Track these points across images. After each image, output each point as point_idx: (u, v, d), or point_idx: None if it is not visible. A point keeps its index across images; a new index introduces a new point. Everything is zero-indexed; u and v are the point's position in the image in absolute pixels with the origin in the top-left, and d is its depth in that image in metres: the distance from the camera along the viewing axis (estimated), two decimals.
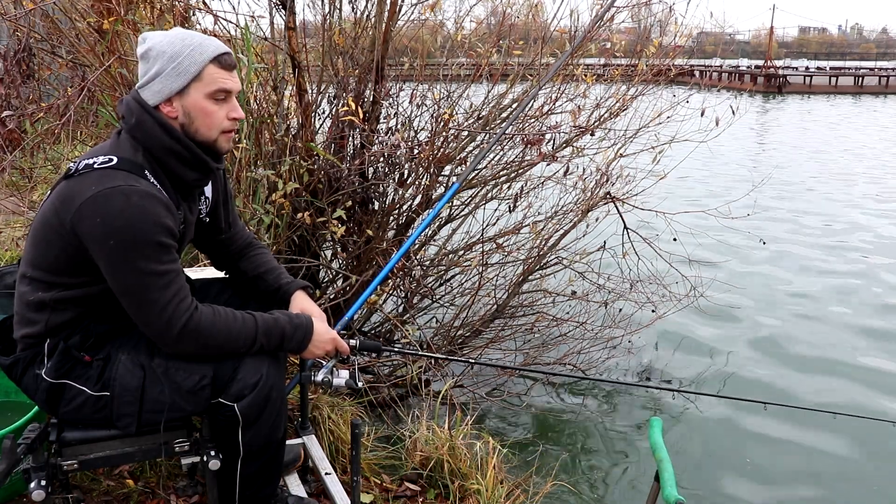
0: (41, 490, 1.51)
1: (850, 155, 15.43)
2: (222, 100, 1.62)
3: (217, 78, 1.59)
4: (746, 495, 3.40)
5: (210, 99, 1.60)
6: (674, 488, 1.42)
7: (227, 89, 1.61)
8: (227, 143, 1.68)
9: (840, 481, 3.53)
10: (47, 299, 1.56)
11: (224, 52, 1.61)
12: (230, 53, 1.63)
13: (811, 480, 3.54)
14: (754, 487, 3.46)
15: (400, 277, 3.79)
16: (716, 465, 3.62)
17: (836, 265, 7.19)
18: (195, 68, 1.56)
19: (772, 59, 47.80)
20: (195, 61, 1.56)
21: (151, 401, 1.59)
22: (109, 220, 1.45)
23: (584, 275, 4.39)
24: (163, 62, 1.56)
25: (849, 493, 3.45)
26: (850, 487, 3.48)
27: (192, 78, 1.57)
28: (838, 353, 5.02)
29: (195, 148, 1.62)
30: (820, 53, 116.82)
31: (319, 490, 2.27)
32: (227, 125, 1.65)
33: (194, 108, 1.59)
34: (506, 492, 2.48)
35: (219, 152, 1.68)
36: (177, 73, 1.56)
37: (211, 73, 1.58)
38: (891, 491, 3.45)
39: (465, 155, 3.84)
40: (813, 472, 3.60)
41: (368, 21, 3.60)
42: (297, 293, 1.93)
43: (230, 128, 1.66)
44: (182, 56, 1.55)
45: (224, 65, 1.60)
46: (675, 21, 4.36)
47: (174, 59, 1.55)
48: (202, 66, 1.57)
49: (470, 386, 4.00)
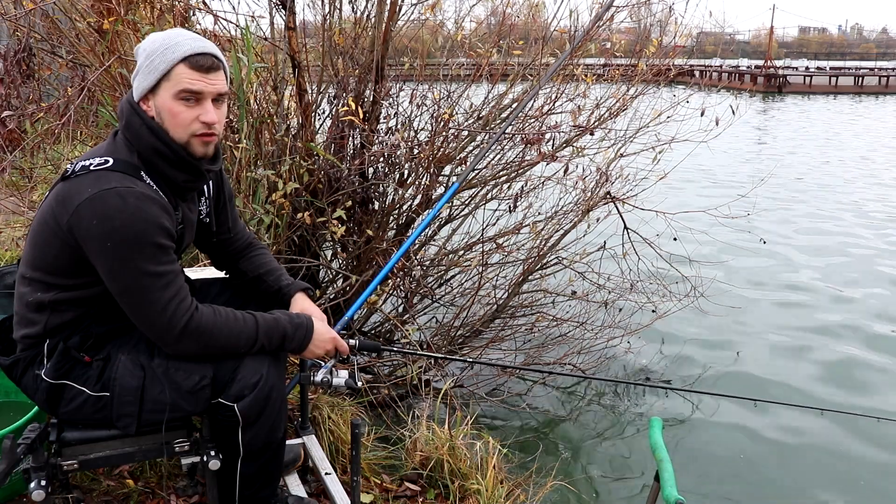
0: (41, 490, 1.51)
1: (850, 154, 15.43)
2: (193, 101, 1.56)
3: (184, 78, 1.54)
4: (746, 495, 3.40)
5: (177, 99, 1.55)
6: (674, 488, 1.42)
7: (195, 90, 1.55)
8: (201, 147, 1.61)
9: (840, 480, 3.53)
10: (46, 300, 1.56)
11: (198, 53, 1.54)
12: (208, 55, 1.56)
13: (811, 480, 3.54)
14: (754, 487, 3.46)
15: (400, 277, 3.78)
16: (716, 465, 3.62)
17: (837, 265, 7.18)
18: (164, 66, 1.54)
19: (772, 59, 47.80)
20: (165, 59, 1.53)
21: (151, 401, 1.59)
22: (106, 222, 1.45)
23: (584, 275, 4.39)
24: (141, 59, 1.57)
25: (849, 491, 3.44)
26: (851, 486, 3.48)
27: (161, 76, 1.54)
28: (839, 352, 5.02)
29: (180, 150, 1.59)
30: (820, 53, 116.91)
31: (319, 490, 2.27)
32: (198, 128, 1.57)
33: (163, 107, 1.56)
34: (506, 492, 2.48)
35: (193, 155, 1.61)
36: (149, 70, 1.55)
37: (179, 73, 1.54)
38: (890, 489, 3.45)
39: (465, 155, 3.84)
40: (813, 472, 3.60)
41: (368, 21, 3.61)
42: (298, 295, 1.93)
43: (202, 131, 1.58)
44: (155, 54, 1.54)
45: (195, 65, 1.54)
46: (674, 21, 4.36)
47: (149, 57, 1.55)
48: (171, 64, 1.53)
49: (470, 386, 4.00)
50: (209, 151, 1.64)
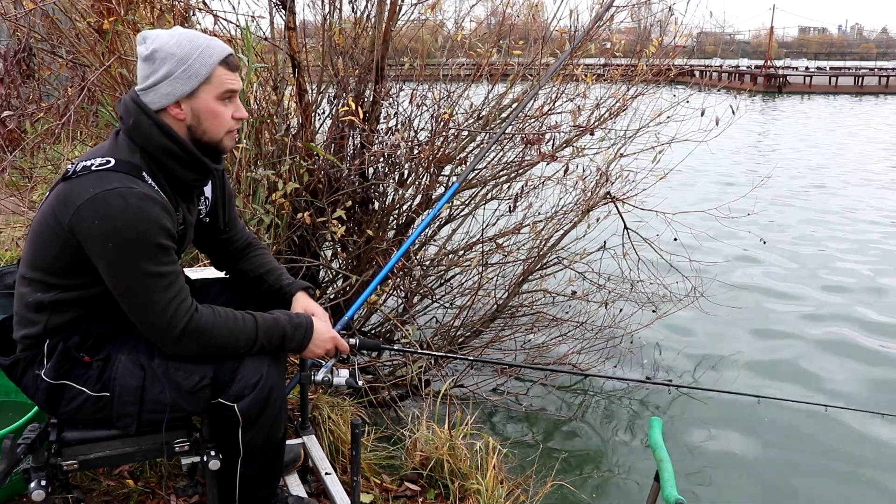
0: (41, 490, 1.51)
1: (850, 154, 15.42)
2: (228, 101, 1.64)
3: (225, 80, 1.61)
4: (746, 495, 3.40)
5: (219, 100, 1.62)
6: (674, 488, 1.42)
7: (235, 90, 1.64)
8: (231, 142, 1.70)
9: (842, 479, 3.53)
10: (46, 300, 1.56)
11: (230, 53, 1.63)
12: (234, 54, 1.65)
13: (812, 479, 3.54)
14: (754, 487, 3.46)
15: (400, 277, 3.79)
16: (716, 465, 3.62)
17: (837, 264, 7.18)
18: (206, 70, 1.57)
19: (772, 59, 47.78)
20: (205, 63, 1.57)
21: (151, 401, 1.59)
22: (108, 223, 1.45)
23: (584, 275, 4.39)
24: (171, 65, 1.56)
25: (850, 490, 3.44)
26: (852, 484, 3.48)
27: (203, 81, 1.58)
28: (839, 351, 5.02)
29: (193, 149, 1.63)
30: (820, 53, 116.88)
31: (319, 490, 2.27)
32: (233, 125, 1.67)
33: (204, 110, 1.61)
34: (506, 492, 2.48)
35: (223, 151, 1.71)
36: (187, 75, 1.56)
37: (220, 76, 1.60)
38: (892, 488, 3.45)
39: (465, 155, 3.84)
40: (813, 471, 3.60)
41: (368, 21, 3.60)
42: (299, 294, 1.94)
43: (235, 127, 1.69)
44: (192, 59, 1.56)
45: (231, 66, 1.63)
46: (675, 21, 4.36)
47: (184, 62, 1.55)
48: (212, 68, 1.58)
49: (470, 386, 4.00)
50: (234, 144, 1.75)
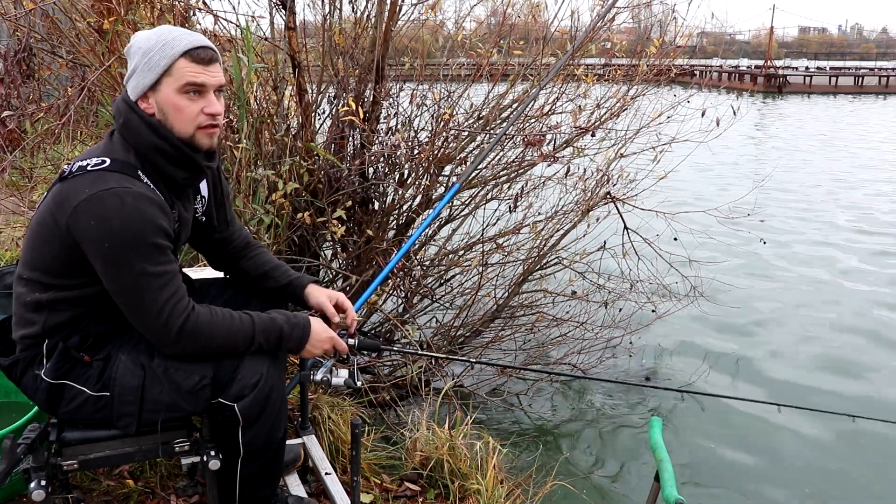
0: (41, 490, 1.51)
1: (850, 154, 15.42)
2: (196, 95, 1.58)
3: (187, 72, 1.55)
4: (746, 495, 3.40)
5: (181, 94, 1.56)
6: (674, 488, 1.42)
7: (199, 83, 1.57)
8: (206, 139, 1.63)
9: (839, 481, 3.52)
10: (44, 300, 1.56)
11: (198, 46, 1.57)
12: (207, 48, 1.59)
13: (812, 479, 3.54)
14: (754, 487, 3.46)
15: (400, 277, 3.79)
16: (716, 465, 3.62)
17: (837, 264, 7.18)
18: (165, 62, 1.55)
19: (772, 59, 47.76)
20: (165, 55, 1.54)
21: (151, 401, 1.59)
22: (104, 223, 1.45)
23: (584, 275, 4.39)
24: (138, 58, 1.56)
25: (849, 491, 3.44)
26: (850, 486, 3.48)
27: (162, 72, 1.55)
28: (839, 351, 5.02)
29: (181, 145, 1.60)
30: (820, 53, 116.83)
31: (319, 490, 2.27)
32: (203, 120, 1.60)
33: (166, 103, 1.57)
34: (506, 492, 2.48)
35: (198, 148, 1.64)
36: (148, 67, 1.55)
37: (181, 68, 1.55)
38: (888, 490, 3.44)
39: (466, 155, 3.84)
40: (813, 471, 3.60)
41: (368, 21, 3.61)
42: (311, 286, 1.94)
43: (207, 122, 1.61)
44: (153, 51, 1.55)
45: (197, 59, 1.56)
46: (675, 21, 4.36)
47: (147, 55, 1.55)
48: (172, 59, 1.55)
49: (470, 386, 4.00)
50: (213, 143, 1.67)
